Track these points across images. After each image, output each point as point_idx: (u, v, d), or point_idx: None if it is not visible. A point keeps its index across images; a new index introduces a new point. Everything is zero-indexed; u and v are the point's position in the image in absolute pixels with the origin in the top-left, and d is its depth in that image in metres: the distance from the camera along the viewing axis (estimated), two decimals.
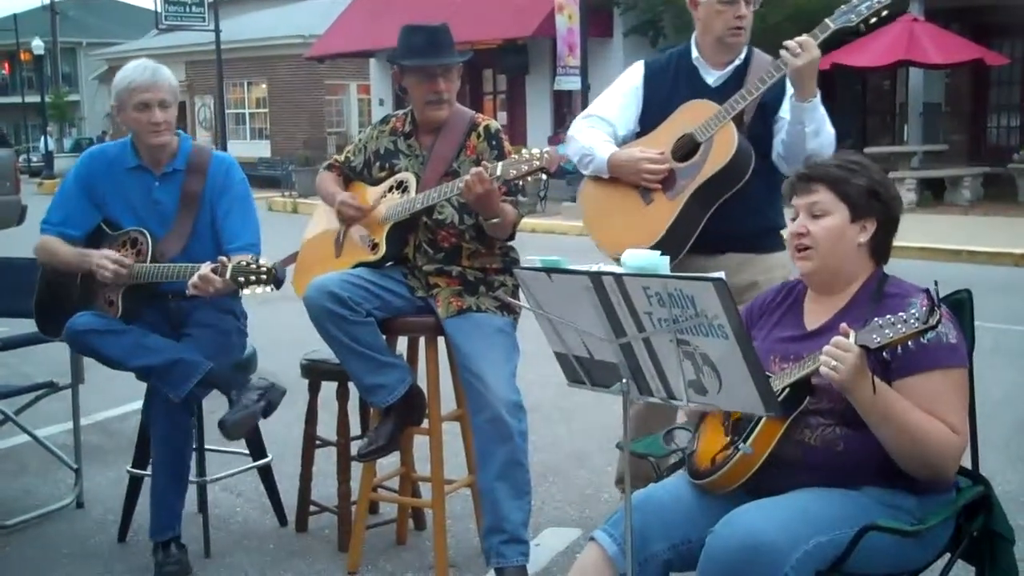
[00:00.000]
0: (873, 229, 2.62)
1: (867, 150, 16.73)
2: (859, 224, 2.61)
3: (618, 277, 2.30)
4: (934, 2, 18.27)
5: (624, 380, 2.44)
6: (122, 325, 3.79)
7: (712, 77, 3.75)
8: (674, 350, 2.30)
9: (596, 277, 2.34)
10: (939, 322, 2.24)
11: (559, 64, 19.84)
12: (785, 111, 3.60)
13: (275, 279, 3.57)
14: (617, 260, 3.60)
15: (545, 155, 3.41)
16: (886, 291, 2.60)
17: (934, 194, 17.84)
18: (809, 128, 3.51)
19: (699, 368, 2.30)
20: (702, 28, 3.74)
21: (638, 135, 3.84)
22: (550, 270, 2.45)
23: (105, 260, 3.77)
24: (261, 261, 3.58)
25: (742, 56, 3.72)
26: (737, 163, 3.55)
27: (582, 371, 2.57)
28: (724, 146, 3.56)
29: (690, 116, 3.65)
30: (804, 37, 3.42)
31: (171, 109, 3.91)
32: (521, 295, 2.68)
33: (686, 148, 3.64)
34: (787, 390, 2.48)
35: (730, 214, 3.61)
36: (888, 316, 2.31)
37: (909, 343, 2.29)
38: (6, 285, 4.56)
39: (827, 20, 3.48)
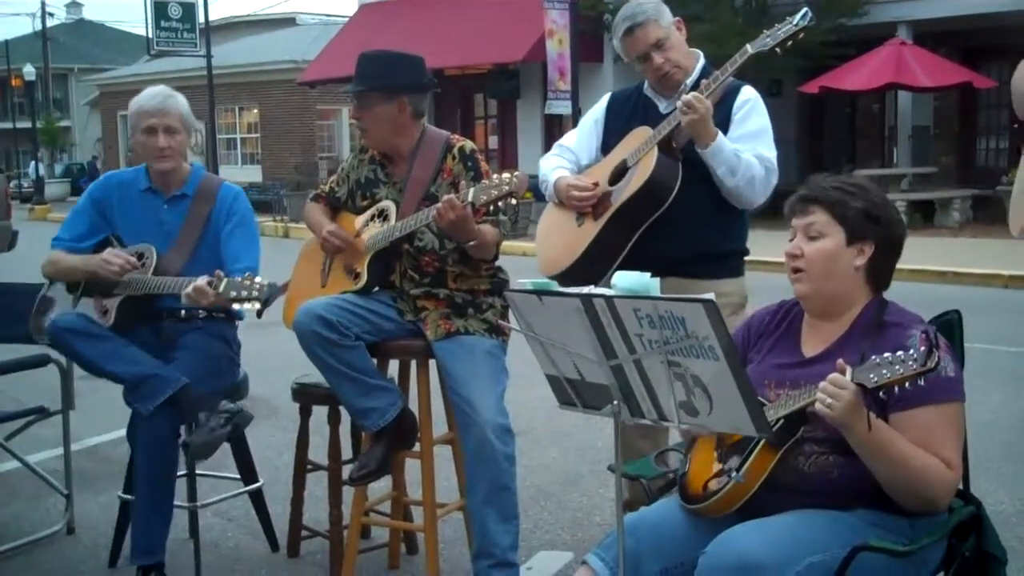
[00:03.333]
0: (871, 252, 2.61)
1: (857, 173, 16.79)
2: (856, 247, 2.60)
3: (609, 299, 2.31)
4: (922, 26, 18.41)
5: (615, 402, 2.44)
6: (105, 331, 3.83)
7: (663, 104, 3.80)
8: (665, 371, 2.31)
9: (587, 299, 2.35)
10: (937, 364, 2.22)
11: (550, 89, 19.91)
12: None
13: (265, 299, 3.58)
14: (549, 278, 3.67)
15: (514, 179, 3.43)
16: (885, 320, 2.58)
17: (924, 216, 17.91)
18: (720, 170, 3.58)
19: (690, 389, 2.30)
20: None
21: None
22: (541, 292, 2.46)
23: (111, 255, 3.87)
24: (257, 279, 3.60)
25: (692, 78, 3.75)
26: (653, 186, 3.58)
27: (573, 393, 2.57)
28: (643, 170, 3.61)
29: (631, 142, 3.72)
30: (693, 95, 3.48)
31: (178, 135, 3.99)
32: (511, 317, 2.69)
33: (620, 173, 3.71)
34: (781, 422, 2.47)
35: (667, 238, 3.63)
36: (887, 355, 2.29)
37: (907, 384, 2.27)
38: (1, 311, 4.56)
39: (747, 45, 3.54)
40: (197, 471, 4.05)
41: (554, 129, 22.38)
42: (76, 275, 3.99)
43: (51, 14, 46.83)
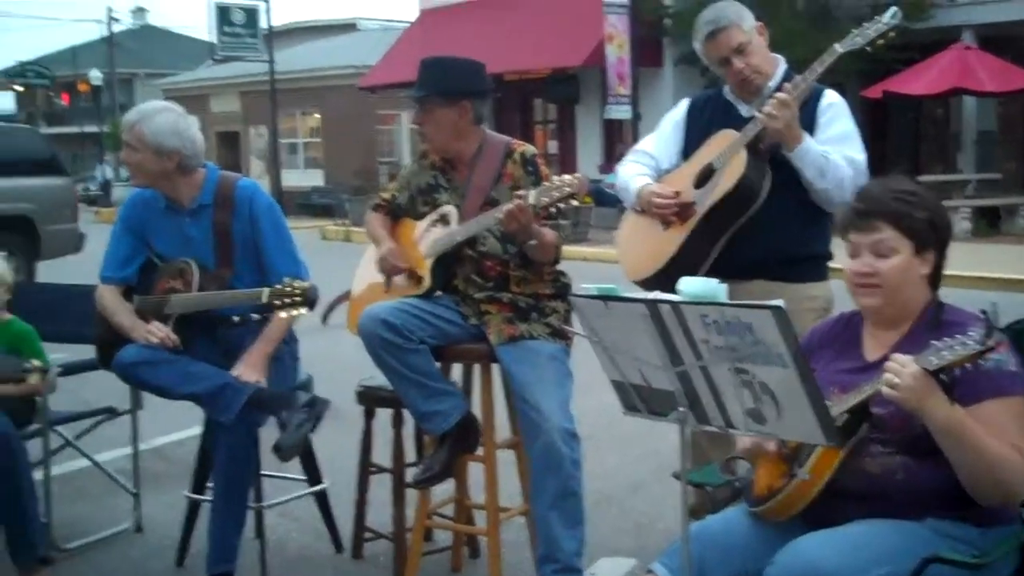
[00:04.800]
0: (933, 259, 2.61)
1: (921, 178, 16.56)
2: (921, 256, 2.59)
3: (675, 305, 2.31)
4: (987, 30, 18.13)
5: (681, 409, 2.44)
6: (168, 355, 3.85)
7: (745, 108, 3.78)
8: (732, 378, 2.30)
9: (653, 305, 2.35)
10: (995, 345, 2.22)
11: (609, 93, 19.90)
12: None
13: (308, 301, 3.62)
14: (636, 284, 3.67)
15: (575, 182, 3.44)
16: (944, 319, 2.57)
17: (988, 223, 17.63)
18: (809, 172, 3.55)
19: (758, 396, 2.29)
20: None
21: None
22: (606, 298, 2.47)
23: (155, 332, 3.85)
24: (295, 283, 3.64)
25: (773, 82, 3.73)
26: (743, 188, 3.56)
27: (639, 399, 2.57)
28: (732, 172, 3.58)
29: (715, 146, 3.70)
30: (780, 96, 3.46)
31: (136, 154, 3.93)
32: (575, 322, 2.70)
33: (706, 176, 3.69)
34: (846, 416, 2.46)
35: (753, 240, 3.62)
36: (945, 339, 2.29)
37: (967, 366, 2.27)
38: (67, 312, 4.66)
39: (836, 45, 3.52)
40: (263, 471, 4.11)
41: (613, 134, 22.39)
42: (122, 332, 3.96)
43: (117, 19, 47.63)
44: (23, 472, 3.64)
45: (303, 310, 3.65)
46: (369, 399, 4.14)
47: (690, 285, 2.38)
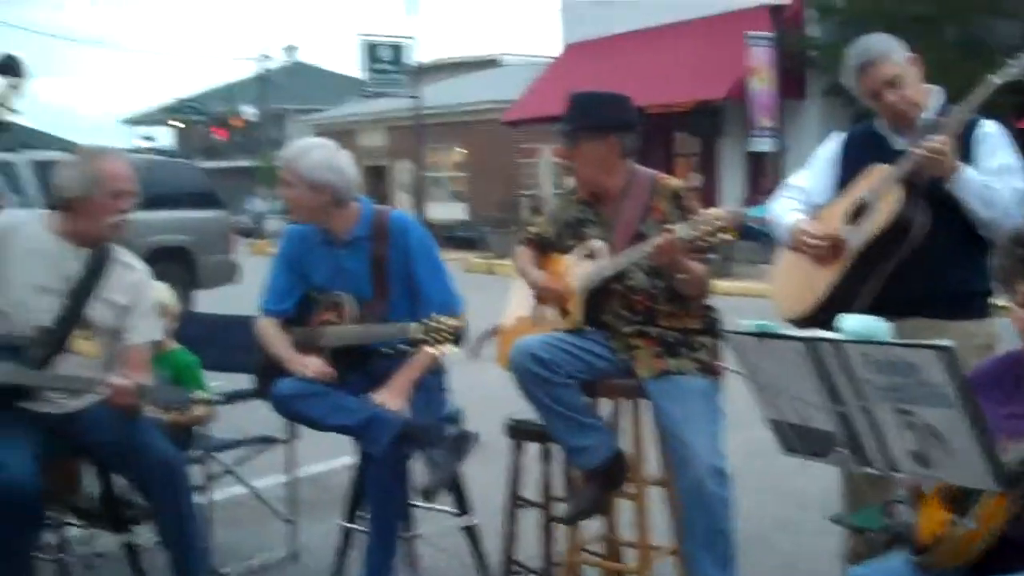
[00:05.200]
0: None
1: None
2: None
3: (836, 343, 2.27)
4: None
5: (841, 450, 2.39)
6: (322, 388, 3.96)
7: (898, 141, 3.70)
8: (896, 419, 2.25)
9: (812, 343, 2.32)
10: None
11: (753, 126, 19.68)
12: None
13: (457, 338, 3.68)
14: (788, 322, 3.61)
15: (726, 215, 3.41)
16: None
17: None
18: (973, 204, 3.46)
19: (923, 439, 2.24)
20: None
21: None
22: (763, 334, 2.44)
23: (312, 368, 3.97)
24: (443, 319, 3.71)
25: (928, 114, 3.65)
26: (897, 224, 3.49)
27: (797, 439, 2.53)
28: (885, 208, 3.51)
29: (868, 181, 3.63)
30: (938, 140, 3.38)
31: (293, 189, 4.06)
32: (728, 358, 2.67)
33: (858, 212, 3.62)
34: (1019, 463, 2.37)
35: (911, 277, 3.53)
36: None
37: None
38: (223, 341, 4.82)
39: (991, 77, 3.42)
40: (412, 501, 4.17)
41: (756, 167, 22.11)
42: (280, 363, 4.10)
43: (270, 57, 49.30)
44: (187, 497, 3.77)
45: (451, 347, 3.71)
46: (519, 433, 4.16)
47: (852, 322, 2.34)
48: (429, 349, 3.75)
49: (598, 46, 24.41)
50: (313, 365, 3.96)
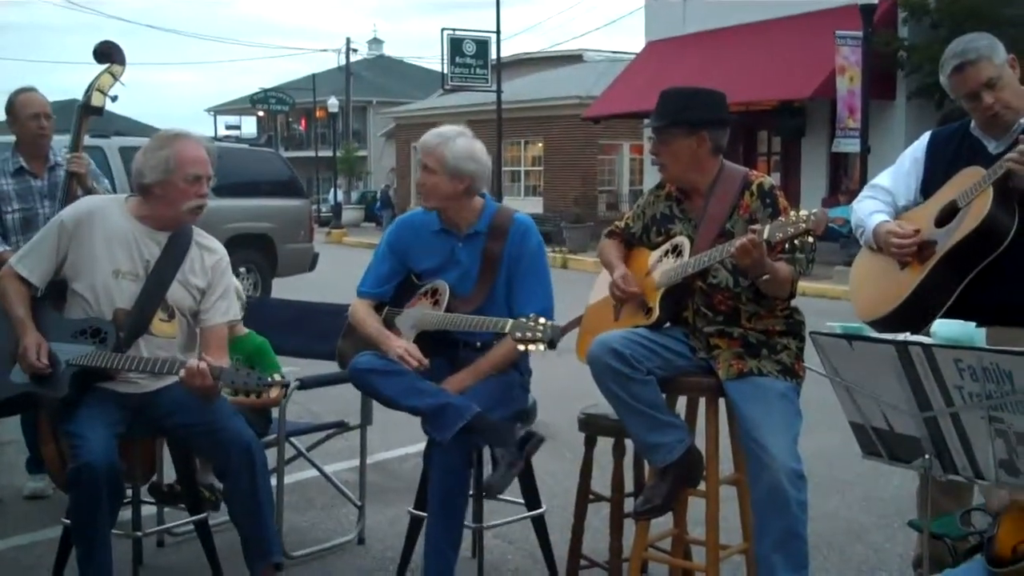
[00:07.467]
0: None
1: None
2: None
3: (927, 348, 2.21)
4: None
5: (927, 456, 2.33)
6: (400, 367, 3.93)
7: (993, 145, 3.62)
8: (985, 427, 2.19)
9: (902, 347, 2.26)
10: None
11: (838, 126, 19.40)
12: None
13: (549, 340, 3.65)
14: (868, 324, 3.53)
15: (812, 217, 3.34)
16: None
17: None
18: None
19: (1012, 447, 2.17)
20: None
21: None
22: (852, 337, 2.39)
23: (409, 356, 3.92)
24: (541, 320, 3.68)
25: None
26: (988, 229, 3.40)
27: (879, 443, 2.48)
28: (977, 211, 3.42)
29: (960, 183, 3.55)
30: None
31: (433, 176, 4.04)
32: (818, 360, 2.62)
33: (948, 215, 3.54)
34: None
35: (996, 284, 3.44)
36: None
37: None
38: (301, 328, 4.86)
39: None
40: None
41: (840, 168, 21.79)
42: (370, 342, 4.08)
43: (355, 50, 49.74)
44: (262, 480, 3.80)
45: (542, 347, 3.69)
46: (591, 427, 4.14)
47: (945, 328, 2.29)
48: (520, 346, 3.72)
49: (682, 42, 24.25)
50: (412, 351, 3.96)
